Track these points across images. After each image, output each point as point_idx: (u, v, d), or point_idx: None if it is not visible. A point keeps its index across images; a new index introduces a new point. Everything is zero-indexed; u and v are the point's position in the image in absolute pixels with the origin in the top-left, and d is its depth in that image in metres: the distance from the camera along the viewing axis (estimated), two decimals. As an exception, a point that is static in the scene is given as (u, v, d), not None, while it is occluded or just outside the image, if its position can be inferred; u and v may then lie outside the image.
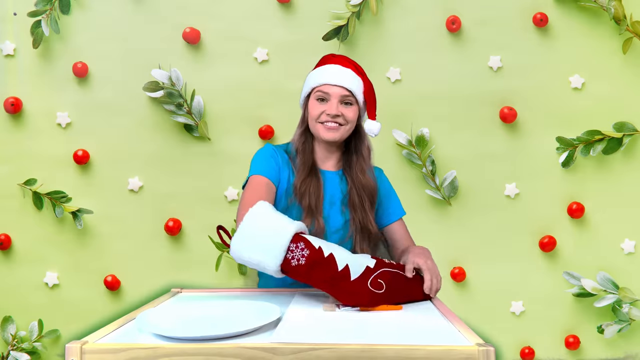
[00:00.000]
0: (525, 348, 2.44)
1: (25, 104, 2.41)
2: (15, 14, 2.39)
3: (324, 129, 1.54)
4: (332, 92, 1.54)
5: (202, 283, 2.35)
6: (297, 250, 1.25)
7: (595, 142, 2.40)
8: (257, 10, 2.43)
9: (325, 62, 1.61)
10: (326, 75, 1.55)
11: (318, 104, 1.55)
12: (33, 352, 2.37)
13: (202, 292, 1.51)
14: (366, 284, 1.26)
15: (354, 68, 1.58)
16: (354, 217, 1.57)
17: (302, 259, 1.25)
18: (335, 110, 1.53)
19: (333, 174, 1.61)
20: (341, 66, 1.56)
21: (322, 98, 1.55)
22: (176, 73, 2.37)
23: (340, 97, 1.54)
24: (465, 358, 0.92)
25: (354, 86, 1.55)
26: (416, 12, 2.43)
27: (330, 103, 1.53)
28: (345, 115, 1.54)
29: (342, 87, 1.53)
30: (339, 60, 1.59)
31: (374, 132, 1.61)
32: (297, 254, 1.25)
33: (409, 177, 2.45)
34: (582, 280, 2.39)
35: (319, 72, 1.58)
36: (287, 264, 1.25)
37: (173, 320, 1.11)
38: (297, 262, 1.24)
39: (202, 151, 2.43)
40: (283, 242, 1.23)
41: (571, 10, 2.42)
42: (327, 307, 1.26)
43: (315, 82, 1.56)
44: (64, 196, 2.38)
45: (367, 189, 1.58)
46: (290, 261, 1.24)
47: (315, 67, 1.62)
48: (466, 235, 2.46)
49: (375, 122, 1.61)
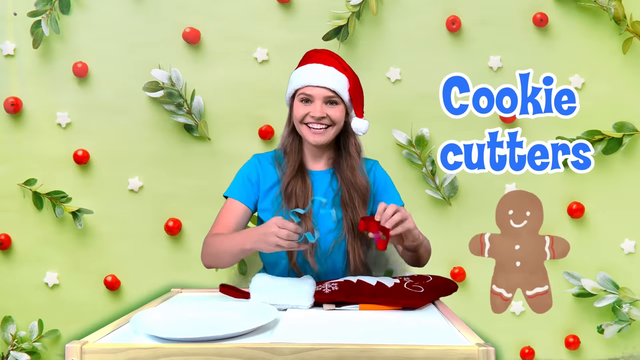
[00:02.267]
0: (525, 348, 2.44)
1: (25, 104, 2.41)
2: (16, 14, 2.39)
3: (310, 132, 1.51)
4: (314, 94, 1.50)
5: (202, 283, 2.35)
6: (325, 283, 1.33)
7: (595, 142, 2.40)
8: (257, 10, 2.43)
9: (307, 60, 1.57)
10: (308, 75, 1.51)
11: (302, 105, 1.52)
12: (33, 352, 2.37)
13: (202, 292, 1.51)
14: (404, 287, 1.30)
15: (337, 64, 1.53)
16: (345, 216, 1.53)
17: (335, 286, 1.29)
18: (320, 112, 1.49)
19: (323, 173, 1.59)
20: (323, 65, 1.52)
21: (305, 99, 1.52)
22: (176, 73, 2.37)
23: (324, 97, 1.50)
24: (465, 358, 0.92)
25: (338, 85, 1.50)
26: (416, 12, 2.43)
27: (314, 105, 1.50)
28: (330, 116, 1.51)
29: (325, 87, 1.49)
30: (321, 58, 1.54)
31: (362, 131, 1.55)
32: (326, 285, 1.31)
33: (409, 177, 2.45)
34: (582, 280, 2.39)
35: (301, 72, 1.54)
36: (321, 295, 1.28)
37: (170, 321, 1.11)
38: (329, 290, 1.28)
39: (202, 151, 2.43)
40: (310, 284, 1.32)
41: (571, 10, 2.42)
42: (328, 308, 1.26)
43: (298, 83, 1.53)
44: (64, 196, 2.38)
45: (357, 187, 1.54)
46: (322, 291, 1.29)
47: (298, 65, 1.58)
48: (466, 235, 2.43)
49: (363, 121, 1.55)
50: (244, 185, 1.58)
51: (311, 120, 1.51)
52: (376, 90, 2.42)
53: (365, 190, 1.56)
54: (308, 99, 1.51)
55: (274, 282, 1.32)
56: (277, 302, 1.24)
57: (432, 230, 2.43)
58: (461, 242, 2.48)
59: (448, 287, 1.41)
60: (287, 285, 1.30)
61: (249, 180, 1.58)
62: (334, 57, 1.55)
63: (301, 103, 1.53)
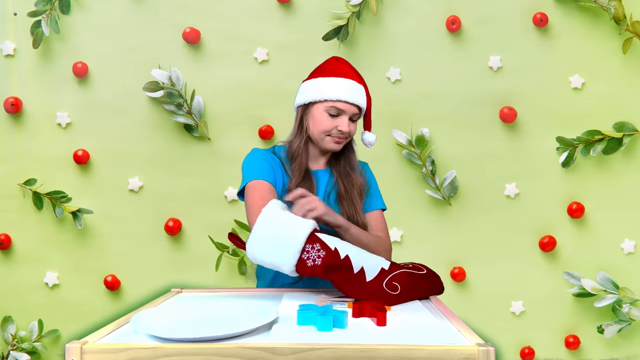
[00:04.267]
0: (525, 348, 2.44)
1: (25, 104, 2.41)
2: (16, 14, 2.39)
3: (333, 141, 1.56)
4: (346, 109, 1.54)
5: (202, 283, 2.35)
6: (312, 251, 1.27)
7: (595, 142, 2.40)
8: (257, 10, 2.43)
9: (339, 73, 1.58)
10: (342, 90, 1.54)
11: (329, 117, 1.54)
12: (33, 352, 2.37)
13: (202, 292, 1.51)
14: (382, 285, 1.28)
15: (362, 81, 1.59)
16: (342, 210, 1.57)
17: (318, 260, 1.26)
18: (347, 128, 1.54)
19: (323, 172, 1.63)
20: (356, 82, 1.56)
21: (335, 114, 1.55)
22: (176, 73, 2.37)
23: (352, 114, 1.55)
24: (465, 358, 0.92)
25: (364, 103, 1.57)
26: (416, 12, 2.43)
27: (342, 119, 1.54)
28: (351, 131, 1.57)
29: (357, 105, 1.55)
30: (353, 74, 1.58)
31: (372, 144, 1.65)
32: (313, 254, 1.27)
33: (409, 177, 2.45)
34: (582, 280, 2.39)
35: (334, 84, 1.55)
36: (302, 265, 1.26)
37: (170, 321, 1.10)
38: (312, 263, 1.26)
39: (202, 151, 2.43)
40: (298, 243, 1.25)
41: (571, 10, 2.42)
42: (320, 302, 1.26)
43: (330, 95, 1.54)
44: (64, 196, 2.38)
45: (353, 181, 1.61)
46: (305, 262, 1.26)
47: (324, 73, 1.59)
48: (466, 235, 2.46)
49: (372, 134, 1.65)
50: (263, 166, 1.56)
51: (337, 134, 1.55)
52: (376, 90, 2.41)
53: (362, 185, 1.62)
54: (338, 113, 1.55)
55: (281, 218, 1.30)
56: (265, 257, 1.27)
57: (432, 230, 2.45)
58: (461, 242, 2.50)
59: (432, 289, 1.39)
60: (285, 236, 1.27)
61: (267, 162, 1.58)
62: (360, 76, 1.61)
63: (328, 115, 1.55)
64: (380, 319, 1.11)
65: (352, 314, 1.18)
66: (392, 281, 1.30)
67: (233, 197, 2.42)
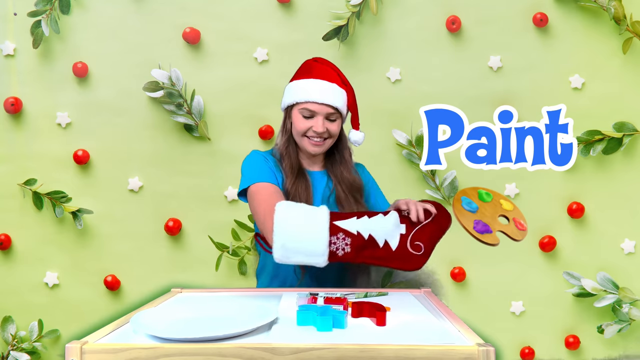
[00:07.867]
0: (525, 348, 2.44)
1: (25, 104, 2.41)
2: (16, 14, 2.39)
3: (310, 143, 1.56)
4: (318, 110, 1.53)
5: (202, 283, 2.35)
6: (338, 241, 1.30)
7: (595, 142, 2.40)
8: (257, 10, 2.43)
9: (308, 72, 1.58)
10: (312, 91, 1.54)
11: (303, 119, 1.55)
12: (33, 352, 2.37)
13: (202, 292, 1.51)
14: (407, 249, 1.32)
15: (338, 79, 1.57)
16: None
17: (347, 247, 1.29)
18: (322, 128, 1.53)
19: (320, 173, 1.64)
20: (327, 82, 1.54)
21: (308, 115, 1.54)
22: (176, 73, 2.37)
23: (326, 114, 1.54)
24: (465, 358, 0.92)
25: (339, 102, 1.54)
26: (416, 12, 2.43)
27: (316, 120, 1.54)
28: (330, 130, 1.55)
29: (328, 105, 1.53)
30: (323, 73, 1.56)
31: (359, 143, 1.64)
32: (340, 244, 1.30)
33: (409, 177, 2.45)
34: (582, 280, 2.39)
35: (304, 86, 1.56)
36: (334, 256, 1.28)
37: (170, 321, 1.10)
38: (343, 252, 1.29)
39: (202, 151, 2.43)
40: (323, 240, 1.26)
41: (571, 10, 2.42)
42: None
43: (300, 97, 1.55)
44: (64, 196, 2.38)
45: (352, 185, 1.61)
46: (335, 252, 1.28)
47: (300, 76, 1.59)
48: (466, 235, 2.45)
49: (359, 133, 1.63)
50: (263, 169, 1.55)
51: (313, 134, 1.55)
52: (376, 90, 2.43)
53: (360, 188, 1.63)
54: (310, 115, 1.54)
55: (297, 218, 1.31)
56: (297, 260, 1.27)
57: (432, 230, 2.44)
58: (461, 242, 2.48)
59: (444, 224, 1.46)
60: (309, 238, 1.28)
61: (267, 164, 1.57)
62: (335, 71, 1.58)
63: (302, 117, 1.55)
64: (380, 319, 1.11)
65: (351, 314, 1.18)
66: (414, 241, 1.34)
67: (233, 197, 2.42)
